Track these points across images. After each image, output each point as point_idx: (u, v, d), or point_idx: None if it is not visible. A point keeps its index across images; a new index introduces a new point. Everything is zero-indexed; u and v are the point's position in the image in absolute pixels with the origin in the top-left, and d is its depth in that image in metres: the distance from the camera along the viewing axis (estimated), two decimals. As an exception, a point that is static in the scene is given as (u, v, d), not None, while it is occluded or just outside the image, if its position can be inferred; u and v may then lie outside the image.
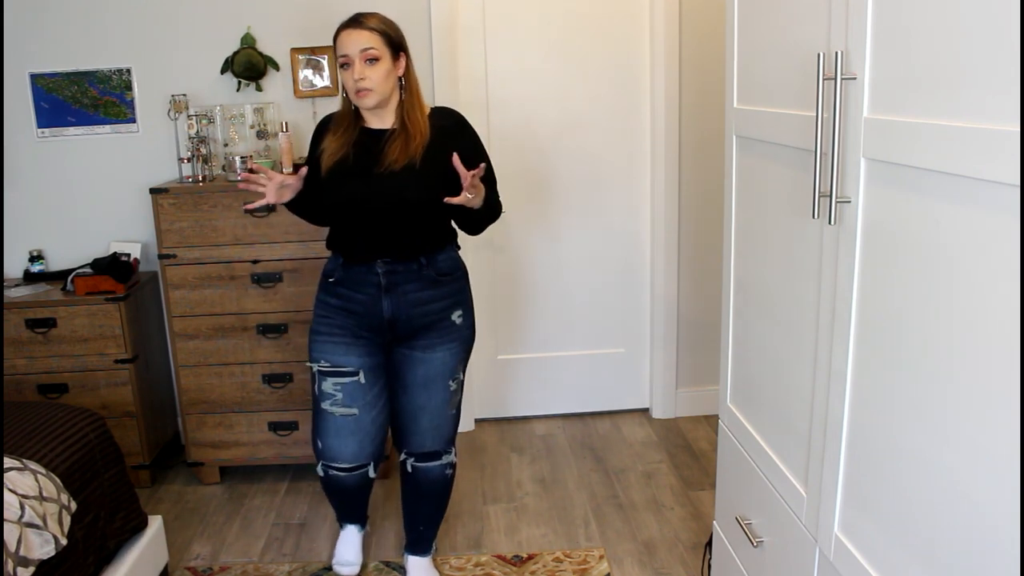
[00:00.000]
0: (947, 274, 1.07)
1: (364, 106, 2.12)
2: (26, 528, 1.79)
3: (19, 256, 3.31)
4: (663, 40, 3.24)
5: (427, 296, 2.20)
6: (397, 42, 2.13)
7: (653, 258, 3.49)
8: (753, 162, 1.73)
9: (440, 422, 2.31)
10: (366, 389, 2.23)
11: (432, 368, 2.24)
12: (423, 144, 2.11)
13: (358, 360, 2.22)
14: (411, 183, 2.10)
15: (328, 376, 2.23)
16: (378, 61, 2.07)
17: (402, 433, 2.34)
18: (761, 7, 1.64)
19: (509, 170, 3.40)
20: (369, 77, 2.07)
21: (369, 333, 2.23)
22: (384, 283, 2.17)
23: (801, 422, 1.54)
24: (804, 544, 1.54)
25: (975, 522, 1.04)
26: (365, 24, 2.09)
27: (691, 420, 3.58)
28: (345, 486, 2.36)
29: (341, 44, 2.09)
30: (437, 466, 2.36)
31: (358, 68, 2.06)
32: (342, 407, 2.23)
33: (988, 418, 1.00)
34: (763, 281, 1.72)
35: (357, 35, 2.07)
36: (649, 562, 2.57)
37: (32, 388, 2.99)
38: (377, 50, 2.07)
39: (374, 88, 2.08)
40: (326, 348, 2.23)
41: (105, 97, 3.22)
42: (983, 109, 0.97)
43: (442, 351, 2.24)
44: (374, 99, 2.10)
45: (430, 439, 2.32)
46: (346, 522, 2.52)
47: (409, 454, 2.35)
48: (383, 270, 2.17)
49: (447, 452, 2.37)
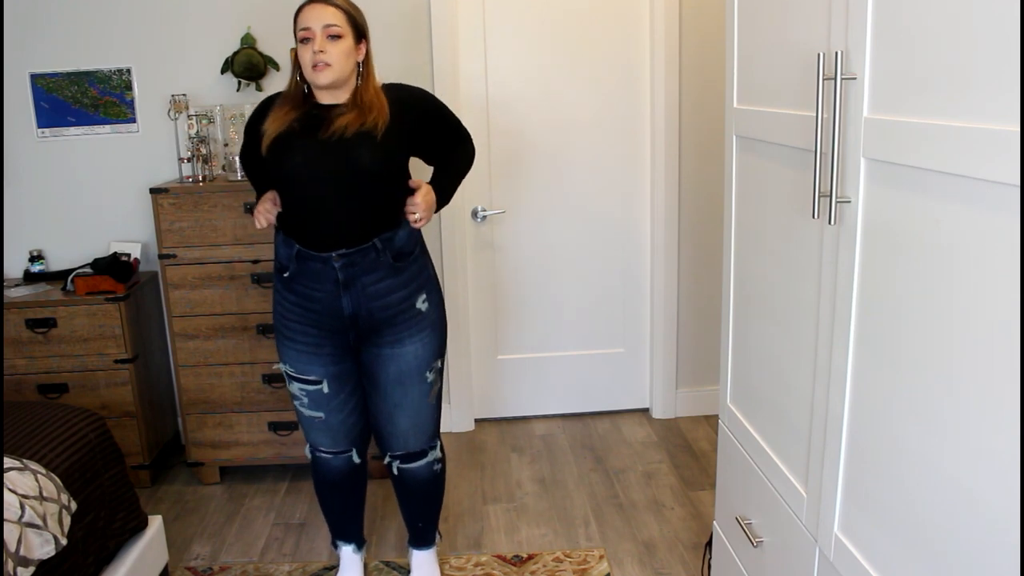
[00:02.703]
0: (947, 274, 1.07)
1: (318, 83, 2.01)
2: (26, 528, 1.78)
3: (19, 256, 3.31)
4: (663, 40, 3.24)
5: (386, 287, 2.10)
6: (361, 26, 2.07)
7: (653, 258, 3.49)
8: (753, 162, 1.73)
9: (419, 419, 2.23)
10: (330, 397, 2.20)
11: (404, 363, 2.16)
12: (384, 122, 2.03)
13: (322, 370, 2.17)
14: (365, 150, 2.01)
15: (294, 380, 2.21)
16: (340, 39, 2.00)
17: (382, 435, 2.27)
18: (761, 7, 1.64)
19: (509, 170, 3.40)
20: (329, 52, 1.98)
21: (331, 335, 2.15)
22: (342, 278, 2.07)
23: (801, 422, 1.54)
24: (804, 544, 1.54)
25: (975, 522, 1.04)
26: (331, 1, 2.02)
27: (691, 420, 3.58)
28: (333, 467, 2.31)
29: (303, 18, 2.01)
30: (423, 465, 2.30)
31: (319, 41, 1.97)
32: (309, 410, 2.22)
33: (988, 418, 1.00)
34: (763, 281, 1.72)
35: (322, 9, 2.00)
36: (649, 562, 2.57)
37: (32, 388, 2.99)
38: (340, 28, 2.00)
39: (333, 64, 1.99)
40: (290, 355, 2.18)
41: (105, 97, 3.23)
42: (983, 109, 0.97)
43: (412, 344, 2.15)
44: (331, 76, 2.00)
45: (412, 439, 2.25)
46: (340, 540, 2.45)
47: (393, 456, 2.29)
48: (340, 264, 2.05)
49: (431, 448, 2.30)
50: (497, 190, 3.41)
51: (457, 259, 3.39)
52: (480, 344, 3.57)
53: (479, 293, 3.52)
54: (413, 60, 3.21)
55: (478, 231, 3.44)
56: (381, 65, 2.18)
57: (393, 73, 3.17)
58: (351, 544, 2.46)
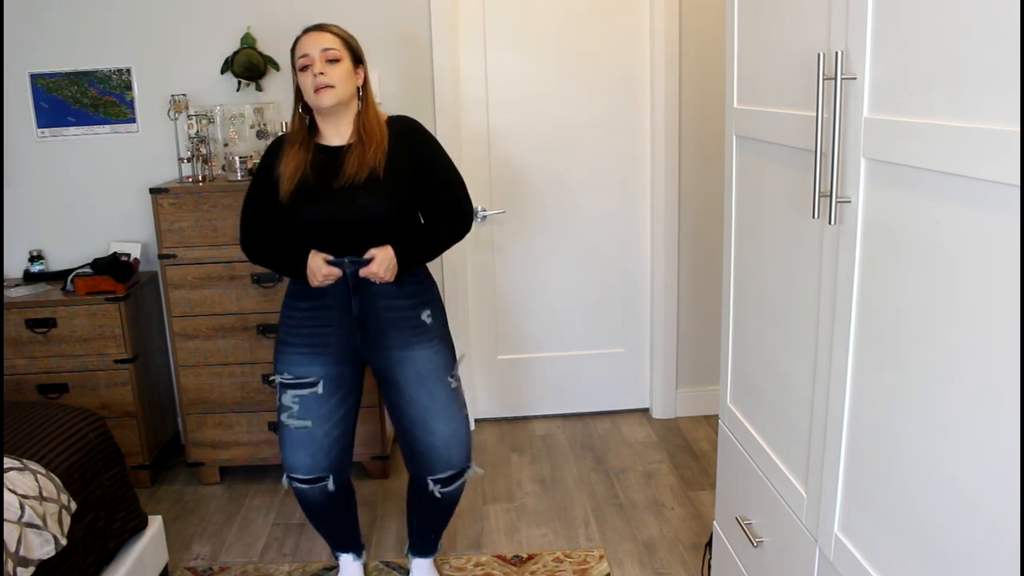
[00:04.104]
0: (947, 274, 1.07)
1: (322, 105, 2.04)
2: (26, 528, 1.78)
3: (19, 256, 3.31)
4: (663, 40, 3.25)
5: (393, 291, 2.13)
6: (357, 52, 2.11)
7: (653, 258, 3.49)
8: (753, 162, 1.73)
9: (456, 427, 2.18)
10: (322, 400, 2.17)
11: (420, 364, 2.15)
12: (383, 152, 2.07)
13: (321, 369, 2.16)
14: (377, 199, 2.05)
15: (288, 388, 2.18)
16: (339, 62, 2.04)
17: (420, 450, 2.18)
18: (761, 7, 1.64)
19: (509, 170, 3.40)
20: (330, 74, 2.02)
21: (338, 334, 2.15)
22: (352, 282, 2.11)
23: (801, 422, 1.54)
24: (804, 544, 1.54)
25: (975, 522, 1.04)
26: (327, 28, 2.09)
27: (691, 420, 3.58)
28: (309, 499, 2.28)
29: (301, 46, 2.06)
30: (460, 486, 2.26)
31: (319, 64, 2.02)
32: (296, 419, 2.18)
33: (988, 418, 1.00)
34: (763, 281, 1.72)
35: (318, 36, 2.05)
36: (649, 562, 2.57)
37: (32, 388, 2.99)
38: (338, 51, 2.05)
39: (335, 84, 2.02)
40: (291, 360, 2.17)
41: (105, 97, 3.23)
42: (983, 109, 0.97)
43: (422, 349, 2.15)
44: (333, 98, 2.03)
45: (456, 452, 2.18)
46: (338, 551, 2.44)
47: (435, 480, 2.20)
48: (351, 271, 2.10)
49: (469, 467, 2.25)
50: (497, 190, 3.41)
51: (457, 259, 3.39)
52: (480, 344, 3.57)
53: (479, 293, 3.52)
54: (413, 62, 3.21)
55: (478, 231, 3.44)
56: (382, 68, 2.18)
57: (393, 75, 3.18)
58: (351, 553, 2.45)
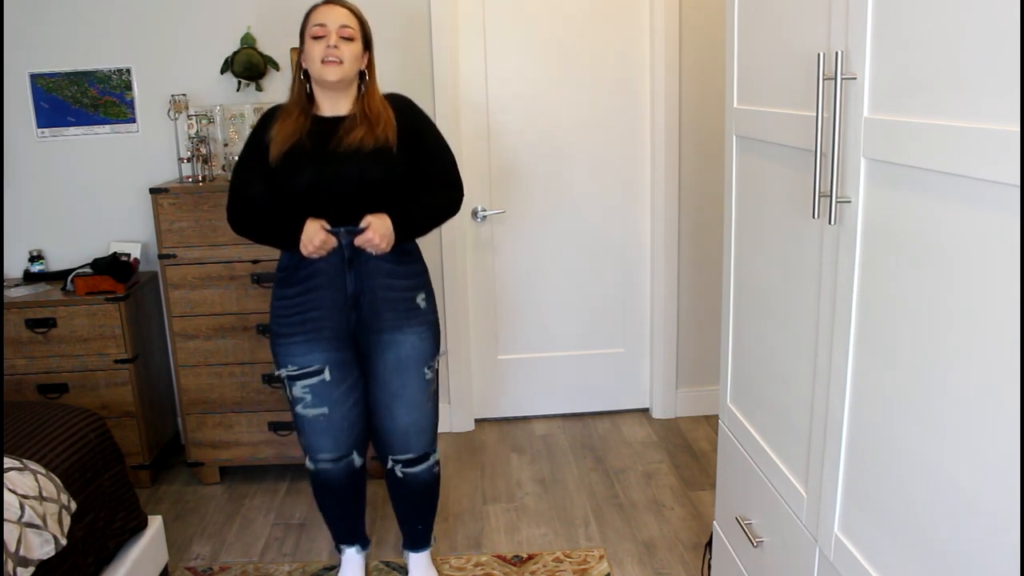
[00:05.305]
0: (947, 274, 1.07)
1: (327, 77, 2.05)
2: (26, 528, 1.78)
3: (19, 256, 3.31)
4: (663, 40, 3.25)
5: (388, 269, 2.14)
6: (368, 36, 2.14)
7: (653, 258, 3.49)
8: (753, 162, 1.73)
9: (418, 416, 2.24)
10: (333, 386, 2.19)
11: (403, 352, 2.18)
12: (392, 129, 2.09)
13: (322, 356, 2.17)
14: (376, 161, 2.06)
15: (296, 380, 2.20)
16: (352, 41, 2.07)
17: (381, 433, 2.27)
18: (761, 7, 1.64)
19: (509, 170, 3.40)
20: (342, 50, 2.04)
21: (332, 316, 2.15)
22: (348, 255, 2.11)
23: (801, 422, 1.54)
24: (804, 544, 1.54)
25: (975, 522, 1.04)
26: (346, 4, 2.11)
27: (691, 420, 3.58)
28: (333, 478, 2.31)
29: (318, 15, 2.07)
30: (425, 468, 2.32)
31: (333, 38, 2.04)
32: (312, 408, 2.21)
33: (988, 418, 1.00)
34: (763, 281, 1.72)
35: (338, 11, 2.08)
36: (649, 562, 2.57)
37: (32, 388, 2.99)
38: (353, 31, 2.08)
39: (344, 62, 2.05)
40: (290, 350, 2.18)
41: (105, 97, 3.23)
42: (983, 109, 0.97)
43: (411, 335, 2.18)
44: (339, 73, 2.05)
45: (414, 439, 2.26)
46: (344, 544, 2.45)
47: (396, 460, 2.29)
48: (347, 241, 2.08)
49: (433, 452, 2.33)
50: (497, 190, 3.41)
51: (457, 259, 3.39)
52: (480, 344, 3.57)
53: (479, 293, 3.52)
54: (413, 61, 3.21)
55: (478, 231, 3.44)
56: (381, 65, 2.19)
57: (393, 73, 3.18)
58: (355, 545, 2.46)
